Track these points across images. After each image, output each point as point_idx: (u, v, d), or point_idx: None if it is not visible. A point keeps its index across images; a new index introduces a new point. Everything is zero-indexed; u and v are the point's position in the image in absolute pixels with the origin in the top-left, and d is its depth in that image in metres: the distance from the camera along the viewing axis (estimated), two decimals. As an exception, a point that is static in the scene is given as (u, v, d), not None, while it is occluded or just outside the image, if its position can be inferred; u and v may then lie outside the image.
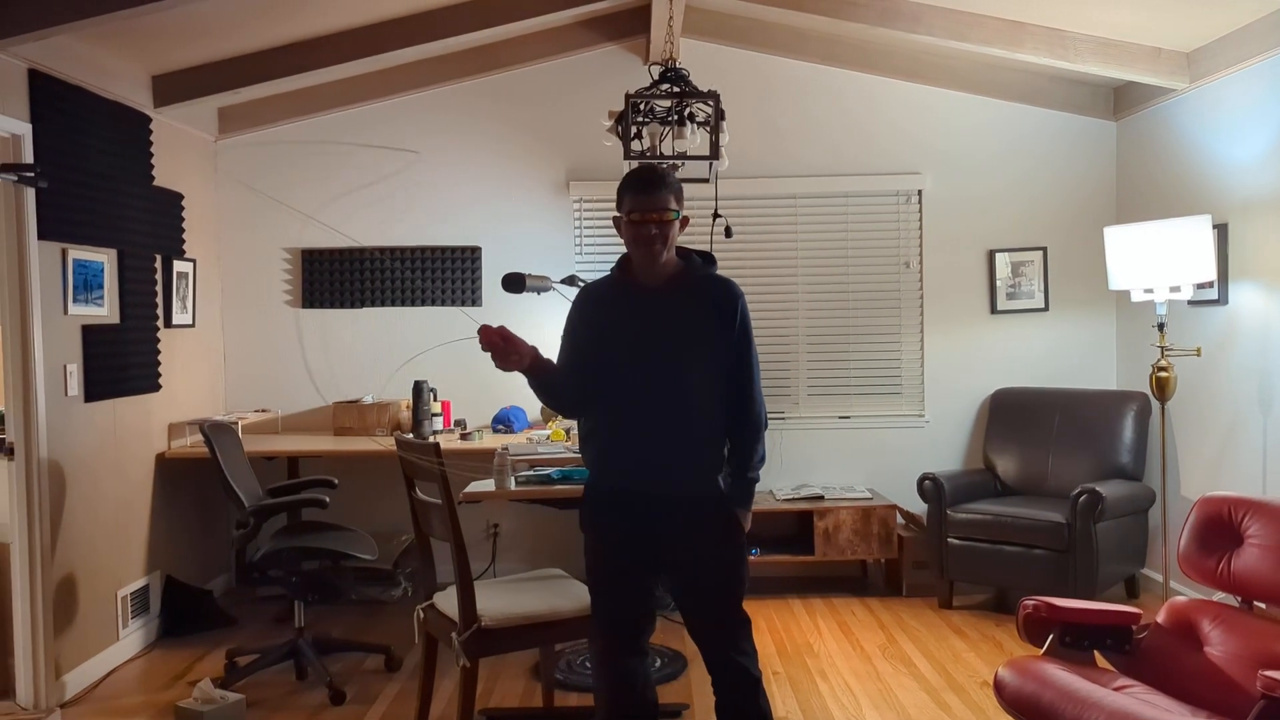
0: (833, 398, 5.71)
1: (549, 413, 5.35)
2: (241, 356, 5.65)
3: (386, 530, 5.24)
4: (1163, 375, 4.54)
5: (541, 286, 4.33)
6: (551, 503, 4.00)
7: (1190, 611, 3.00)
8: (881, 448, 5.67)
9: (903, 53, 5.47)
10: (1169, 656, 2.93)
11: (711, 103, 4.20)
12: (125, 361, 4.52)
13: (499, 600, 3.25)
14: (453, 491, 3.14)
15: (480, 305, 5.64)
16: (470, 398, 5.56)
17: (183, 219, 5.13)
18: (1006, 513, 4.84)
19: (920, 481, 5.10)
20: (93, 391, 4.25)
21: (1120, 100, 5.49)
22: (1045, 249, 5.62)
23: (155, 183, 4.82)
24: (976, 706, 3.78)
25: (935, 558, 5.01)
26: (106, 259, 4.38)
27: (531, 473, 3.91)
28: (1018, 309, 5.65)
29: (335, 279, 5.64)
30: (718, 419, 2.79)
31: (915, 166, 5.63)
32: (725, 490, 2.80)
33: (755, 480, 2.82)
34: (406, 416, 5.35)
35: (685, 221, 2.78)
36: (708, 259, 2.87)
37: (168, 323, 4.93)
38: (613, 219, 2.81)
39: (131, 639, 4.52)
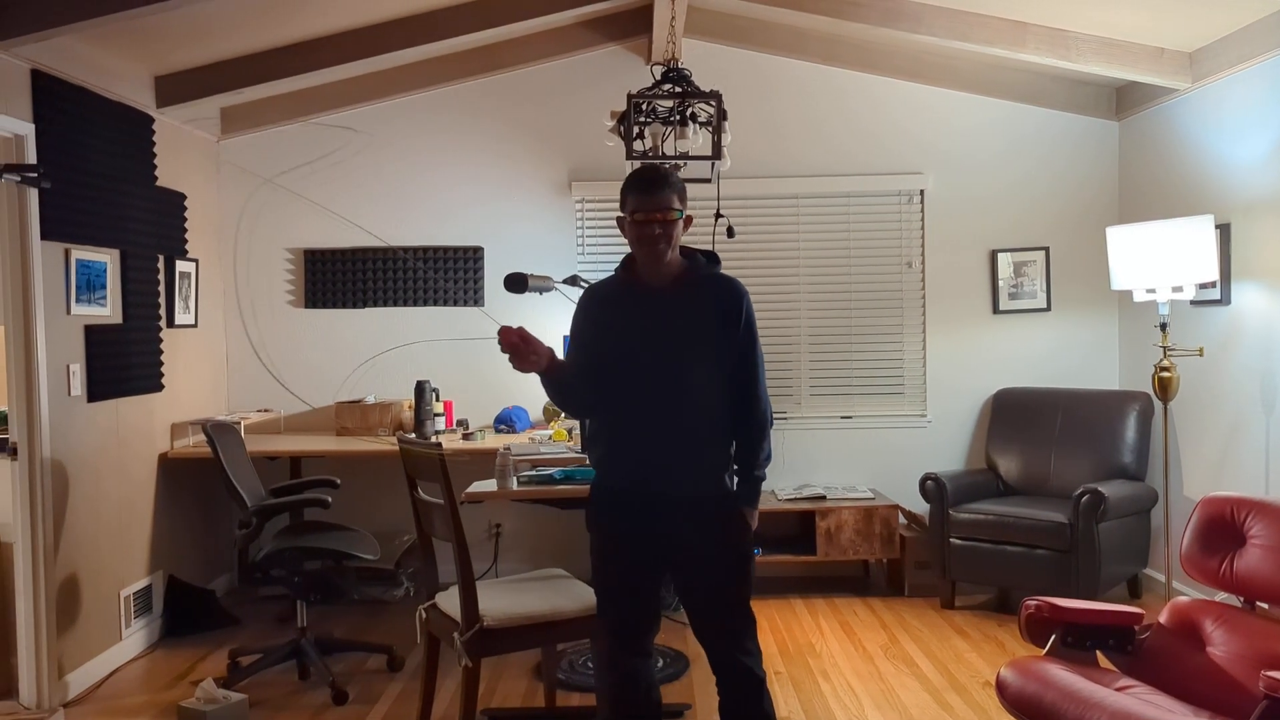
0: (835, 398, 5.71)
1: (551, 413, 5.36)
2: (244, 356, 5.66)
3: (389, 530, 5.25)
4: (1165, 375, 4.54)
5: (544, 286, 4.34)
6: (554, 503, 4.00)
7: (1193, 612, 3.00)
8: (884, 448, 5.67)
9: (905, 53, 5.47)
10: (1171, 657, 2.93)
11: (713, 103, 4.20)
12: (128, 361, 4.53)
13: (501, 600, 3.25)
14: (455, 491, 3.14)
15: (482, 305, 5.64)
16: (472, 398, 5.57)
17: (185, 219, 5.14)
18: (1009, 513, 4.84)
19: (922, 481, 5.10)
20: (95, 391, 4.26)
21: (1123, 100, 5.48)
22: (1047, 249, 5.62)
23: (158, 183, 4.82)
24: (979, 707, 3.78)
25: (937, 558, 5.01)
26: (109, 259, 4.39)
27: (534, 473, 3.91)
28: (1020, 309, 5.64)
29: (338, 279, 5.65)
30: (723, 418, 2.79)
31: (917, 166, 5.63)
32: (732, 489, 2.81)
33: (762, 479, 2.83)
34: (409, 416, 5.35)
35: (689, 221, 2.78)
36: (712, 258, 2.88)
37: (170, 323, 4.94)
38: (616, 219, 2.81)
39: (134, 639, 4.53)
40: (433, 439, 4.82)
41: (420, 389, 5.14)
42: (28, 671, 3.87)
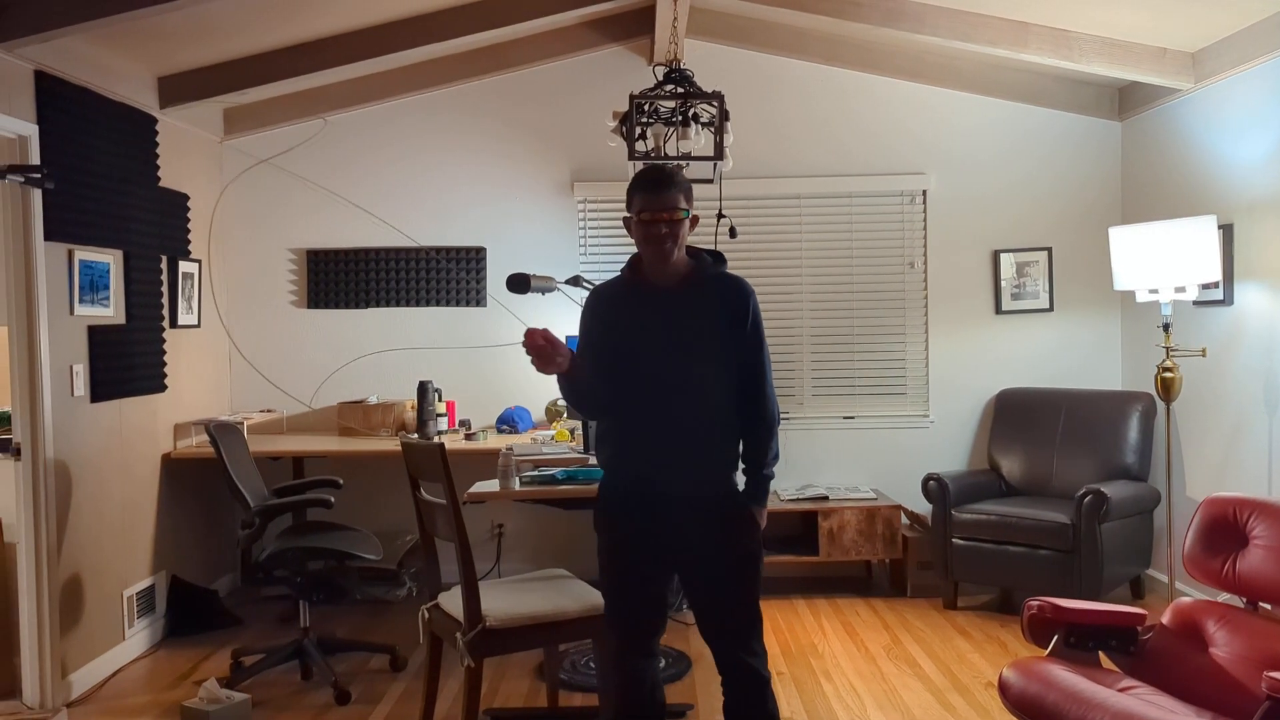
0: (837, 398, 5.71)
1: (553, 413, 5.36)
2: (247, 356, 5.66)
3: (391, 530, 5.25)
4: (1168, 376, 4.54)
5: (546, 287, 4.34)
6: (556, 503, 4.00)
7: (1195, 612, 3.00)
8: (886, 448, 5.67)
9: (907, 53, 5.47)
10: (1174, 657, 2.93)
11: (716, 103, 4.20)
12: (131, 362, 4.53)
13: (503, 600, 3.26)
14: (457, 491, 3.14)
15: (484, 305, 5.65)
16: (475, 398, 5.57)
17: (188, 220, 5.15)
18: (1011, 513, 4.83)
19: (925, 482, 5.10)
20: (99, 392, 4.26)
21: (1125, 100, 5.48)
22: (1050, 249, 5.61)
23: (161, 183, 4.83)
24: (981, 707, 3.77)
25: (940, 558, 5.01)
26: (112, 260, 4.40)
27: (536, 473, 3.91)
28: (1022, 309, 5.64)
29: (340, 279, 5.65)
30: (731, 417, 2.79)
31: (920, 167, 5.63)
32: (741, 487, 2.81)
33: (770, 477, 2.83)
34: (411, 417, 5.36)
35: (695, 220, 2.78)
36: (718, 257, 2.87)
37: (173, 323, 4.94)
38: (623, 219, 2.81)
39: (137, 639, 4.53)
40: (435, 439, 4.82)
41: (423, 389, 5.14)
42: (31, 671, 3.87)
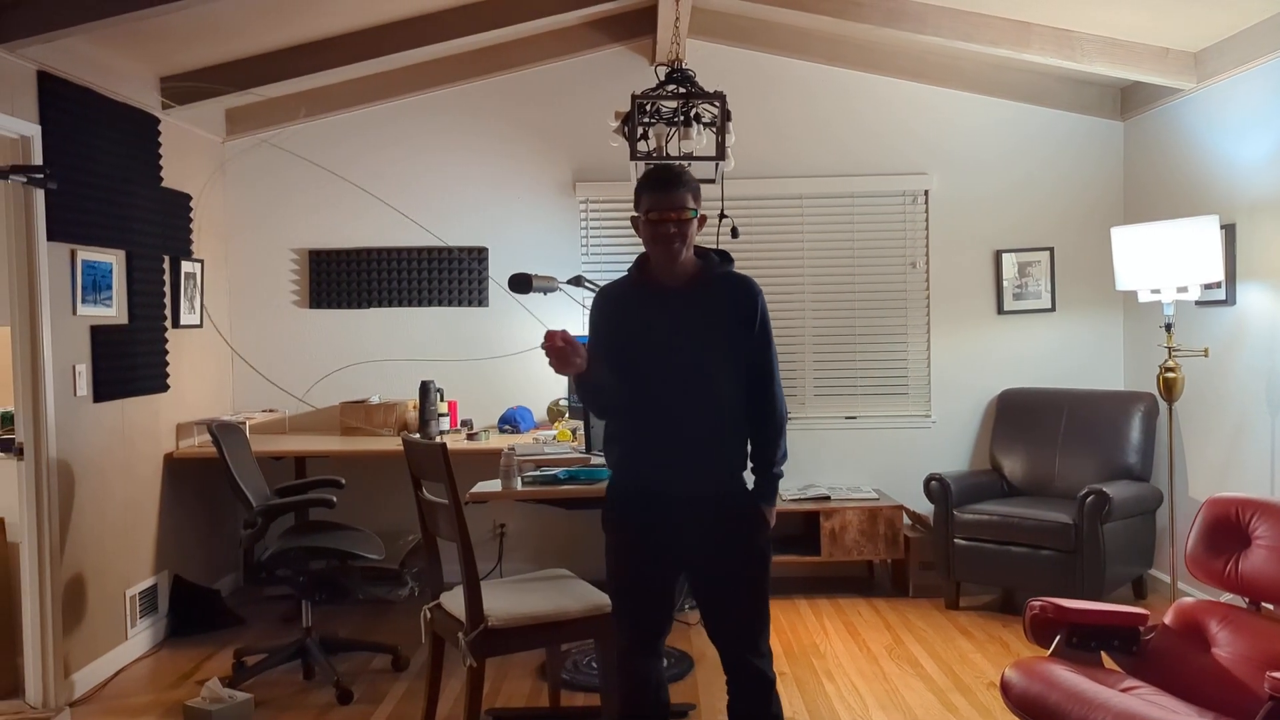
0: (839, 398, 5.71)
1: (555, 413, 5.36)
2: (249, 356, 5.67)
3: (393, 530, 5.26)
4: (1170, 376, 4.53)
5: (548, 287, 4.34)
6: (558, 503, 4.00)
7: (1198, 613, 3.00)
8: (888, 448, 5.66)
9: (909, 53, 5.46)
10: (1176, 658, 2.93)
11: (717, 103, 4.20)
12: (134, 362, 4.54)
13: (505, 600, 3.26)
14: (459, 491, 3.15)
15: (486, 305, 5.65)
16: (477, 398, 5.57)
17: (190, 220, 5.15)
18: (1013, 513, 4.83)
19: (927, 482, 5.10)
20: (101, 392, 4.27)
21: (1127, 100, 5.47)
22: (1052, 249, 5.61)
23: (163, 184, 4.84)
24: (983, 707, 3.77)
25: (942, 558, 5.01)
26: (115, 260, 4.40)
27: (538, 473, 3.91)
28: (1024, 309, 5.64)
29: (342, 279, 5.65)
30: (740, 416, 2.79)
31: (922, 167, 5.63)
32: (750, 487, 2.81)
33: (779, 476, 2.83)
34: (413, 416, 5.36)
35: (703, 220, 2.78)
36: (725, 257, 2.87)
37: (175, 323, 4.95)
38: (630, 219, 2.80)
39: (140, 638, 4.54)
40: (437, 439, 4.82)
41: (425, 389, 5.15)
42: (34, 670, 3.88)
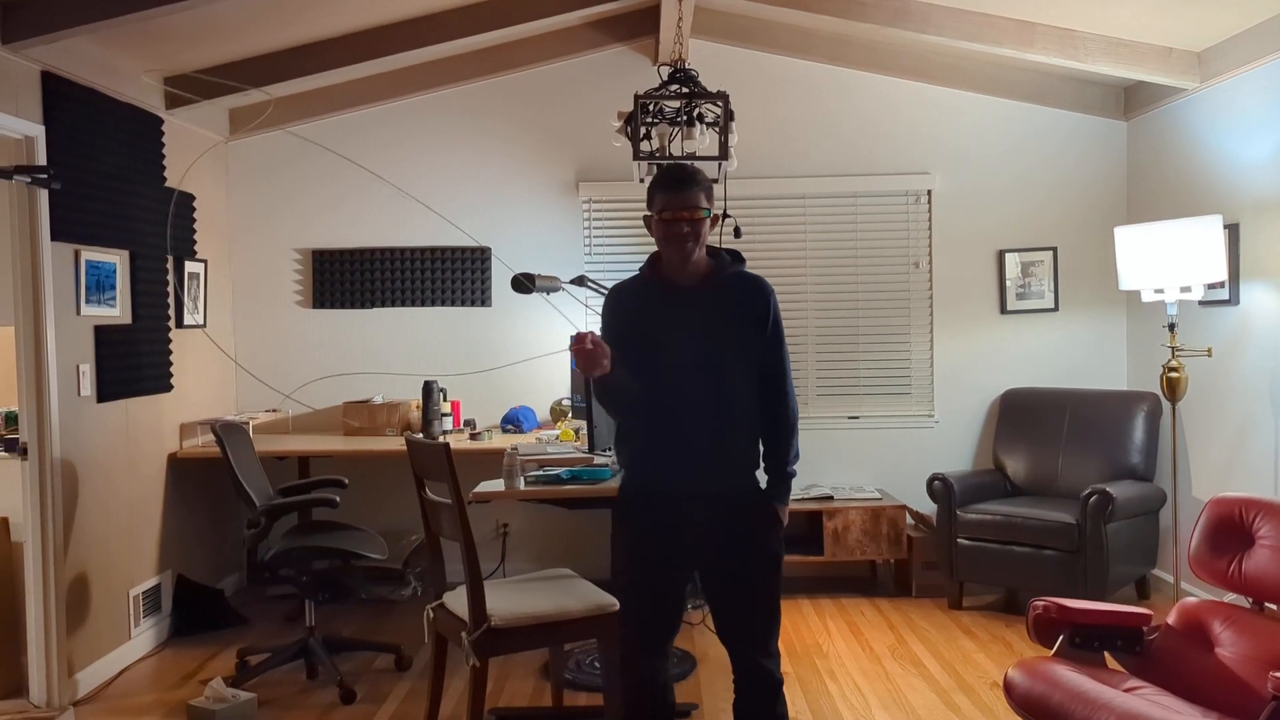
0: (842, 398, 5.71)
1: (558, 413, 5.36)
2: (252, 357, 5.67)
3: (396, 530, 5.26)
4: (1173, 376, 4.53)
5: (551, 287, 4.35)
6: (561, 503, 4.00)
7: (1201, 613, 3.00)
8: (891, 448, 5.66)
9: (912, 53, 5.46)
10: (1180, 658, 2.93)
11: (720, 103, 4.20)
12: (137, 362, 4.55)
13: (508, 600, 3.26)
14: (462, 491, 3.15)
15: (490, 305, 5.65)
16: (480, 398, 5.58)
17: (194, 220, 5.16)
18: (1016, 513, 4.83)
19: (930, 482, 5.09)
20: (105, 392, 4.27)
21: (1131, 100, 5.47)
22: (1055, 249, 5.61)
23: (167, 184, 4.84)
24: (986, 707, 3.77)
25: (945, 558, 5.01)
26: (119, 260, 4.41)
27: (540, 473, 3.91)
28: (1027, 309, 5.63)
29: (345, 279, 5.66)
30: (753, 416, 2.79)
31: (925, 166, 5.63)
32: (763, 486, 2.81)
33: (792, 475, 2.83)
34: (416, 416, 5.37)
35: (716, 219, 2.78)
36: (737, 257, 2.87)
37: (179, 323, 4.95)
38: (643, 218, 2.80)
39: (143, 638, 4.55)
40: (440, 439, 4.83)
41: (428, 389, 5.15)
42: (38, 670, 3.89)
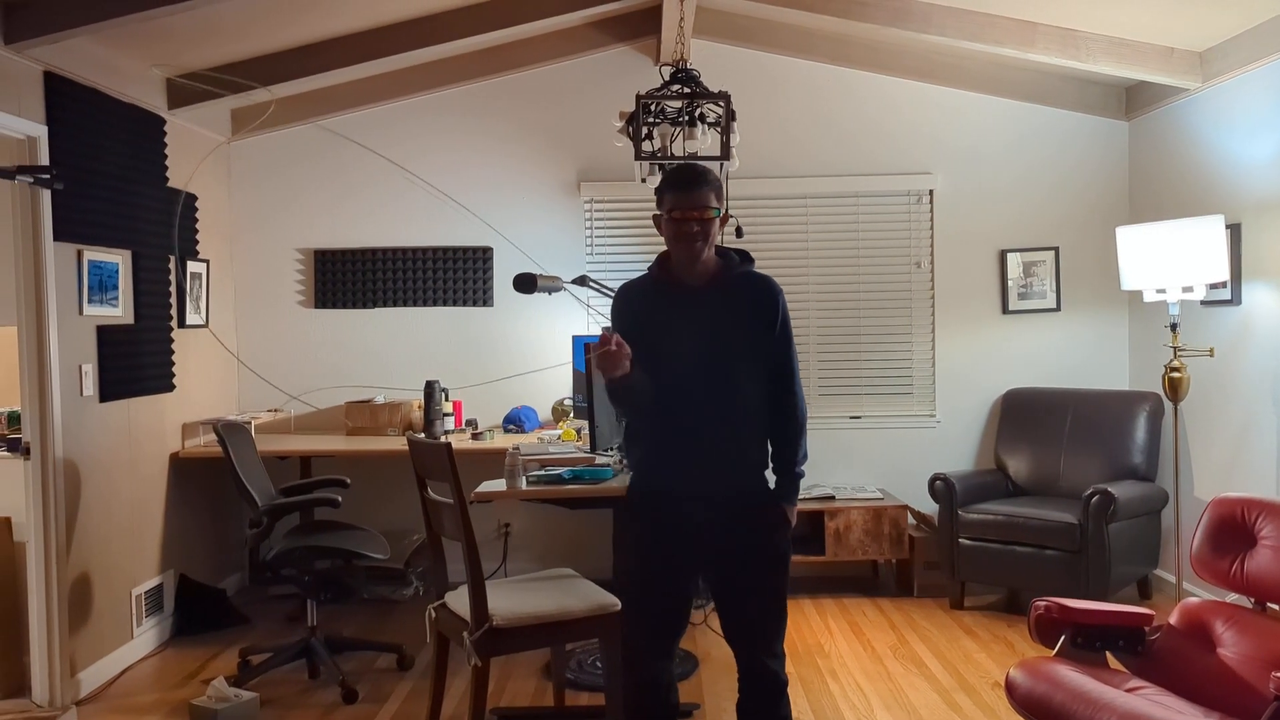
0: (844, 398, 5.71)
1: (560, 412, 5.37)
2: (254, 356, 5.68)
3: (398, 529, 5.27)
4: (1175, 376, 4.53)
5: (552, 287, 4.34)
6: (562, 503, 4.00)
7: (1203, 613, 2.99)
8: (893, 448, 5.66)
9: (914, 53, 5.46)
10: (1181, 658, 2.93)
11: (722, 103, 4.20)
12: (140, 362, 4.55)
13: (510, 600, 3.26)
14: (464, 491, 3.15)
15: (492, 305, 5.66)
16: (482, 398, 5.58)
17: (196, 220, 5.16)
18: (1018, 513, 4.83)
19: (931, 482, 5.09)
20: (107, 391, 4.28)
21: (1132, 100, 5.47)
22: (1057, 249, 5.60)
23: (169, 184, 4.85)
24: (988, 707, 3.77)
25: (946, 558, 5.01)
26: (121, 260, 4.41)
27: (542, 472, 3.91)
28: (1029, 309, 5.63)
29: (347, 279, 5.66)
30: (760, 416, 2.79)
31: (926, 166, 5.62)
32: (772, 487, 2.81)
33: (801, 475, 2.84)
34: (418, 416, 5.37)
35: (725, 219, 2.78)
36: (745, 257, 2.87)
37: (181, 323, 4.96)
38: (653, 217, 2.80)
39: (145, 637, 4.55)
40: (442, 439, 4.83)
41: (430, 389, 5.15)
42: (40, 669, 3.89)
